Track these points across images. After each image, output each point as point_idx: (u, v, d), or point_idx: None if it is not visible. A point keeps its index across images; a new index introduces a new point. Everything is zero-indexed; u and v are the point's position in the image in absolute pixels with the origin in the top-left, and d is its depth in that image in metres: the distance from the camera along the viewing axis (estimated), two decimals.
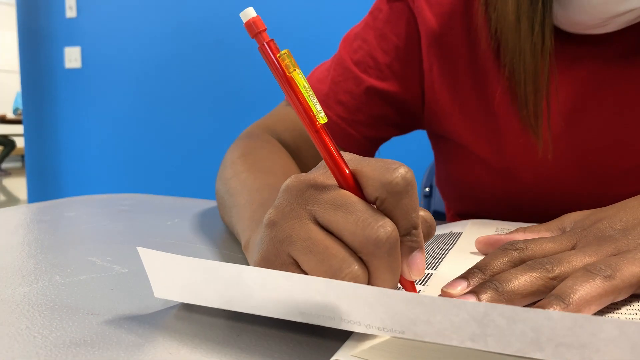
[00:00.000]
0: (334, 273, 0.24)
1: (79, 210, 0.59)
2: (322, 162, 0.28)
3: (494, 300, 0.25)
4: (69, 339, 0.24)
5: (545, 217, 0.38)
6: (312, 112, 0.25)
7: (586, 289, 0.23)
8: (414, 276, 0.26)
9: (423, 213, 0.28)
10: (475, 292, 0.25)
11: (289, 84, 0.25)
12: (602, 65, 0.46)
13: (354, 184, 0.26)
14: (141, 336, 0.25)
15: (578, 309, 0.23)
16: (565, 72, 0.46)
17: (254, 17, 0.24)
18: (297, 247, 0.25)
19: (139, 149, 2.54)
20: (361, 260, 0.24)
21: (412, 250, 0.25)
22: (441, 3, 0.52)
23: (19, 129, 6.45)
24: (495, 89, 0.49)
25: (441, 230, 0.45)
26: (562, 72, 0.46)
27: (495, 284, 0.25)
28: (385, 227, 0.24)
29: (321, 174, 0.27)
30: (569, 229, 0.33)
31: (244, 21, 0.24)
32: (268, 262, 0.26)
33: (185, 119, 2.42)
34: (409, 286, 0.27)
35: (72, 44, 2.64)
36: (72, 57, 2.63)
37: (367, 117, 0.55)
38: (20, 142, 6.47)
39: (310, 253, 0.24)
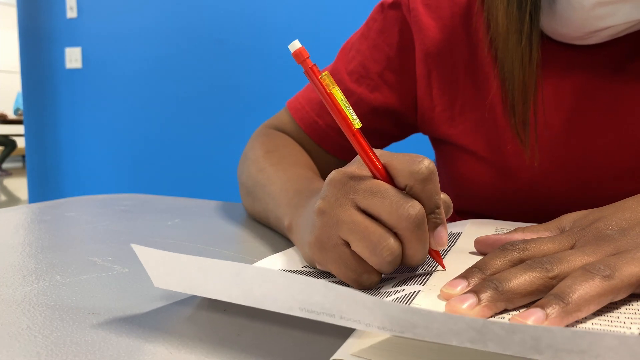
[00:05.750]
0: (374, 246, 0.28)
1: (80, 211, 0.59)
2: (356, 158, 0.33)
3: (493, 299, 0.25)
4: (70, 338, 0.24)
5: (543, 215, 0.38)
6: (349, 120, 0.31)
7: (585, 288, 0.23)
8: (438, 246, 0.31)
9: (443, 196, 0.33)
10: (475, 291, 0.25)
11: (330, 98, 0.31)
12: (596, 71, 0.47)
13: (386, 174, 0.31)
14: (141, 336, 0.25)
15: (577, 308, 0.23)
16: (561, 78, 0.47)
17: (299, 48, 0.30)
18: (343, 229, 0.30)
19: (140, 149, 2.55)
20: (396, 236, 0.29)
21: (436, 225, 0.31)
22: (441, 7, 0.52)
23: (19, 129, 6.46)
24: (493, 91, 0.50)
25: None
26: (558, 79, 0.47)
27: (495, 283, 0.25)
28: (415, 207, 0.29)
29: (357, 167, 0.32)
30: (567, 229, 0.33)
31: (292, 51, 0.30)
32: (322, 244, 0.31)
33: (185, 119, 2.42)
34: (435, 255, 0.32)
35: (72, 44, 2.64)
36: (73, 57, 2.63)
37: None
38: (21, 142, 6.48)
39: (354, 233, 0.29)
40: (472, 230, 0.42)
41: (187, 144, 2.44)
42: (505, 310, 0.25)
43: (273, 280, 0.23)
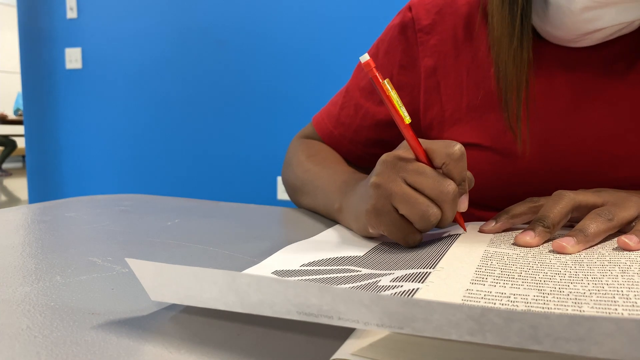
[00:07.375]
0: (422, 213, 0.38)
1: (80, 211, 0.59)
2: (402, 143, 0.42)
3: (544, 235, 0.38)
4: (70, 339, 0.24)
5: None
6: (402, 116, 0.40)
7: (597, 225, 0.37)
8: (461, 210, 0.41)
9: (467, 173, 0.41)
10: (531, 228, 0.38)
11: (388, 99, 0.39)
12: (591, 69, 0.50)
13: (426, 157, 0.40)
14: (141, 336, 0.25)
15: (592, 239, 0.36)
16: (557, 75, 0.51)
17: (369, 59, 0.38)
18: (396, 199, 0.39)
19: (140, 149, 2.55)
20: (437, 205, 0.38)
21: (462, 194, 0.41)
22: (445, 20, 0.57)
23: (19, 129, 6.45)
24: (492, 88, 0.54)
25: (440, 230, 0.45)
26: (555, 76, 0.51)
27: (544, 222, 0.38)
28: (451, 185, 0.38)
29: (403, 152, 0.41)
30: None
31: (362, 62, 0.38)
32: (377, 210, 0.40)
33: (185, 119, 2.42)
34: (458, 216, 0.42)
35: (72, 44, 2.64)
36: (73, 57, 2.63)
37: (365, 139, 0.63)
38: (21, 143, 6.48)
39: (405, 202, 0.38)
40: (471, 232, 0.44)
41: (187, 144, 2.44)
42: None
43: (268, 287, 0.23)
